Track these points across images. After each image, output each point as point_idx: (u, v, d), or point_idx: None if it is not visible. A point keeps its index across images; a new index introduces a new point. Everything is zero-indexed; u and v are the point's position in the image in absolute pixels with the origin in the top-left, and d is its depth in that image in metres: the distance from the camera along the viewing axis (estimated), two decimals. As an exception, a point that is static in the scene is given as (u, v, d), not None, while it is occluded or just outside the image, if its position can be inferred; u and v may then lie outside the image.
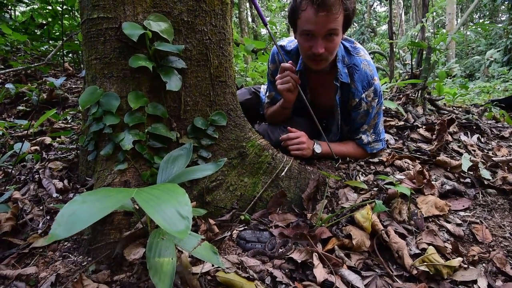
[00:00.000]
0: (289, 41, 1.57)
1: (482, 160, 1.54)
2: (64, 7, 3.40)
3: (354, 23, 21.07)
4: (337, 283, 0.84)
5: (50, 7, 3.47)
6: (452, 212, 1.20)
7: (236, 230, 1.07)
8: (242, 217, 1.12)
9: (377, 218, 1.09)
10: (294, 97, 1.45)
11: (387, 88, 2.78)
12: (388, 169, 1.48)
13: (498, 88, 7.17)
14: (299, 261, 0.91)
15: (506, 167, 1.47)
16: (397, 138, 1.92)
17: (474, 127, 2.13)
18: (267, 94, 1.71)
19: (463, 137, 1.89)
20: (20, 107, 2.40)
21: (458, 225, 1.13)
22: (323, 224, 1.09)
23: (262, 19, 1.39)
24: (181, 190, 0.64)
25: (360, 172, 1.46)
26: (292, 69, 1.38)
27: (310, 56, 1.33)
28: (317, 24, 1.22)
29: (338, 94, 1.47)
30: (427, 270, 0.90)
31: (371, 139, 1.54)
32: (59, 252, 0.99)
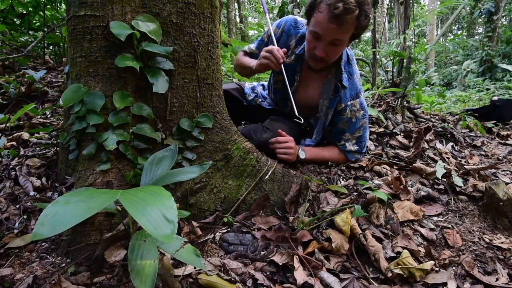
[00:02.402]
0: (304, 21, 1.56)
1: (455, 168, 1.62)
2: (46, -3, 3.28)
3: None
4: (316, 285, 0.87)
5: (31, -3, 3.34)
6: (426, 217, 1.25)
7: (219, 232, 1.08)
8: (225, 220, 1.13)
9: (355, 222, 1.13)
10: (262, 71, 1.47)
11: (369, 95, 2.86)
12: (367, 174, 1.53)
13: (473, 97, 7.51)
14: (280, 264, 0.93)
15: (476, 175, 1.55)
16: (377, 144, 1.99)
17: (449, 135, 2.23)
18: (250, 45, 1.72)
19: (438, 145, 1.98)
20: (-4, 100, 2.30)
21: (431, 229, 1.18)
22: (304, 227, 1.12)
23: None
24: (167, 193, 0.64)
25: (341, 177, 1.50)
26: (282, 53, 1.38)
27: (311, 55, 1.38)
28: (326, 30, 1.26)
29: (329, 94, 1.51)
30: (401, 273, 0.94)
31: (353, 149, 1.60)
32: (36, 253, 0.96)
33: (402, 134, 2.09)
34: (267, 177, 1.27)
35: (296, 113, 1.44)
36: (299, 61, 1.54)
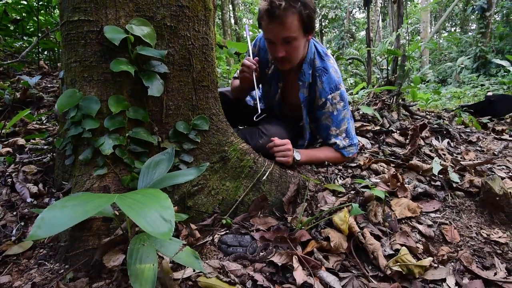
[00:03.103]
0: None
1: (451, 164, 1.63)
2: (40, 2, 3.27)
3: (334, 29, 21.54)
4: (315, 285, 0.87)
5: (25, 2, 3.33)
6: (424, 213, 1.26)
7: (218, 234, 1.08)
8: (224, 221, 1.13)
9: (354, 220, 1.14)
10: (246, 85, 1.60)
11: (364, 93, 2.87)
12: (364, 173, 1.54)
13: (468, 94, 7.56)
14: (280, 264, 0.93)
15: (473, 171, 1.56)
16: (373, 142, 2.00)
17: (445, 132, 2.24)
18: (238, 71, 1.82)
19: (434, 142, 1.99)
20: (-9, 107, 2.29)
21: (429, 226, 1.19)
22: (303, 227, 1.12)
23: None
24: (164, 195, 0.65)
25: (338, 176, 1.50)
26: (252, 62, 1.51)
27: (275, 59, 1.48)
28: (272, 32, 1.36)
29: (304, 92, 1.58)
30: (400, 270, 0.94)
31: (346, 143, 1.61)
32: (34, 260, 0.96)
33: (398, 131, 2.10)
34: (264, 178, 1.27)
35: (259, 109, 1.55)
36: (277, 69, 1.62)
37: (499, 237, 1.14)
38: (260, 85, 1.85)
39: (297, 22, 1.33)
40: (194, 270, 0.88)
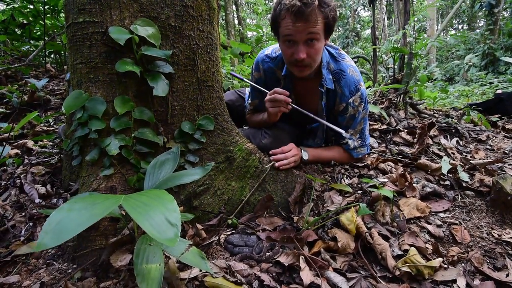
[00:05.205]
0: (274, 49, 1.58)
1: (461, 163, 1.61)
2: (47, 6, 3.31)
3: (339, 27, 21.43)
4: (323, 285, 0.86)
5: (31, 6, 3.38)
6: (433, 213, 1.24)
7: (224, 234, 1.08)
8: (230, 221, 1.13)
9: (361, 220, 1.12)
10: (276, 118, 1.46)
11: (370, 92, 2.85)
12: (372, 172, 1.52)
13: (477, 92, 7.44)
14: (286, 264, 0.92)
15: (483, 170, 1.53)
16: (380, 142, 1.97)
17: (453, 130, 2.21)
18: (249, 101, 1.70)
19: (443, 141, 1.96)
20: (0, 109, 2.32)
21: (438, 226, 1.17)
22: (309, 227, 1.11)
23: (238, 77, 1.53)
24: (170, 197, 0.64)
25: (345, 175, 1.49)
26: (285, 94, 1.38)
27: (293, 62, 1.34)
28: (296, 31, 1.24)
29: (324, 100, 1.48)
30: (409, 270, 0.93)
31: (357, 144, 1.56)
32: (42, 260, 0.97)
33: (405, 130, 2.07)
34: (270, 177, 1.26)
35: (341, 130, 1.35)
36: (288, 81, 1.52)
37: (511, 237, 1.11)
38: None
39: (322, 23, 1.26)
40: (200, 270, 0.87)
